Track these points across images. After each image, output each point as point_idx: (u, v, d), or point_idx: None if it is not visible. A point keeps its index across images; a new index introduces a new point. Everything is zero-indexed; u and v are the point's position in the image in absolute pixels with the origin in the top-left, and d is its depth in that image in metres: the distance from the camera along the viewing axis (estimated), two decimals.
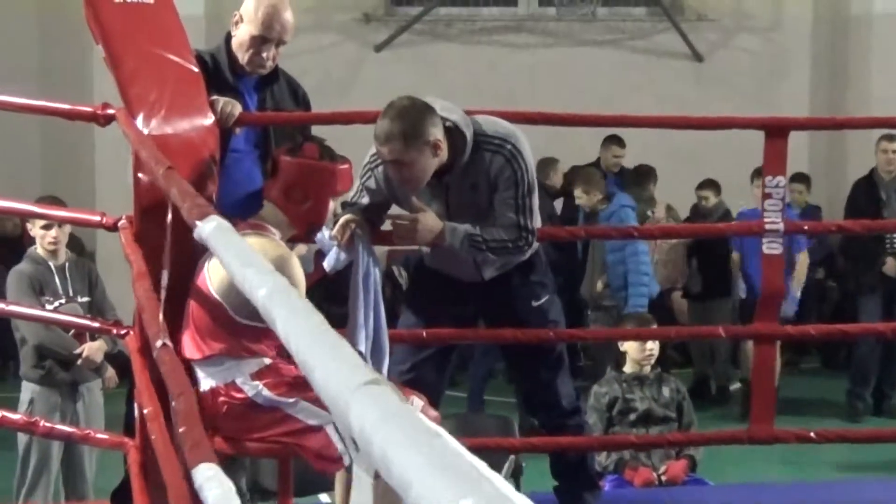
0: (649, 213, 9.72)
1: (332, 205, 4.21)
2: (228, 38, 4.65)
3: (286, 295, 1.54)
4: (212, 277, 3.87)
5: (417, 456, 0.95)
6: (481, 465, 1.13)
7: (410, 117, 4.34)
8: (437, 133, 4.36)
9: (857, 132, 10.60)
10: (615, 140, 10.55)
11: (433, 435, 1.00)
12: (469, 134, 4.48)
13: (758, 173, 9.52)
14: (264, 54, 4.57)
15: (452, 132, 4.45)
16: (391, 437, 1.00)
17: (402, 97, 4.43)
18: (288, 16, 4.60)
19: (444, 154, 4.41)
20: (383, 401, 1.07)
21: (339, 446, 3.78)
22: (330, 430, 3.79)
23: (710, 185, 10.27)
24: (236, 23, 4.62)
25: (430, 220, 4.50)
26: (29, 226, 6.47)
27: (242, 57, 4.60)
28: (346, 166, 4.18)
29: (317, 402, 3.74)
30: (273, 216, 4.11)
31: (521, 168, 4.52)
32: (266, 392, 3.87)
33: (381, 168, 4.56)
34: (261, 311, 1.64)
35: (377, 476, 3.49)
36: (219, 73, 4.59)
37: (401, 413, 1.05)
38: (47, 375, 6.26)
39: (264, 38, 4.55)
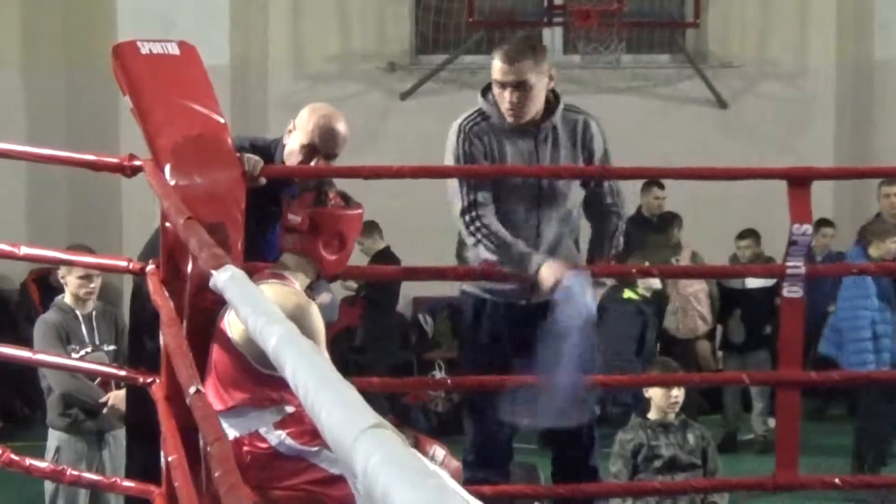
0: (673, 260, 9.69)
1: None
2: (281, 147, 4.63)
3: (295, 342, 1.57)
4: (232, 328, 3.89)
5: (415, 496, 0.97)
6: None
7: (536, 43, 4.90)
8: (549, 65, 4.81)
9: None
10: (654, 183, 10.44)
11: (431, 476, 1.03)
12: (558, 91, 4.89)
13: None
14: (312, 164, 4.54)
15: None
16: (392, 478, 1.02)
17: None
18: (341, 128, 4.57)
19: (547, 92, 4.80)
20: (386, 444, 1.10)
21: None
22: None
23: (750, 234, 9.97)
24: (290, 131, 4.60)
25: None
26: (61, 274, 6.48)
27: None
28: (361, 210, 4.22)
29: None
30: (294, 265, 4.12)
31: (603, 136, 4.98)
32: (289, 441, 3.88)
33: (477, 128, 5.07)
34: (271, 359, 1.67)
35: None
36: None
37: (401, 456, 1.07)
38: (74, 424, 6.29)
39: (314, 148, 4.53)
